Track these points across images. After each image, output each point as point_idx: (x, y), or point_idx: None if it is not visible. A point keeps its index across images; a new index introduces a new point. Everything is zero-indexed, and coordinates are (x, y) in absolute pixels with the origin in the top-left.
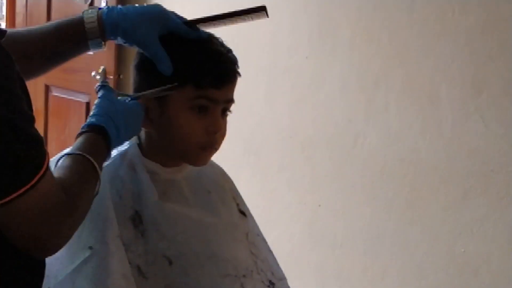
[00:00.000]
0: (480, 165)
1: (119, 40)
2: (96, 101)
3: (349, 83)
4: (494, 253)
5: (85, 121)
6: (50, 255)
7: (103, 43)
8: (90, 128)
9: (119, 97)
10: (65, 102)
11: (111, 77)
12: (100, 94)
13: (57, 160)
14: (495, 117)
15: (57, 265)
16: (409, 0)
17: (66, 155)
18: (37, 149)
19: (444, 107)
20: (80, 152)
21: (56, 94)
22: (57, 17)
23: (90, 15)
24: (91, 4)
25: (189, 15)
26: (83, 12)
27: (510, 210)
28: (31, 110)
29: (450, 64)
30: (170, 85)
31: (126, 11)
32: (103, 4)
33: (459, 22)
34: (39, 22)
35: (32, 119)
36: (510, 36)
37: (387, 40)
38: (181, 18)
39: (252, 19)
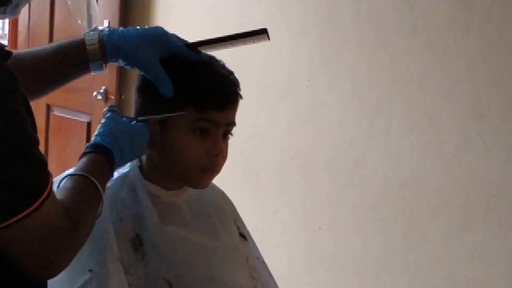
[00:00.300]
0: (481, 190)
1: (120, 62)
2: (102, 121)
3: (350, 107)
4: (494, 278)
5: (86, 141)
6: (52, 277)
7: (104, 65)
8: (94, 149)
9: (124, 119)
10: (66, 121)
11: (113, 97)
12: (107, 115)
13: (60, 181)
14: (496, 142)
15: (57, 287)
16: (411, 25)
17: (69, 176)
18: (41, 171)
19: (445, 132)
20: (83, 173)
21: (57, 113)
22: (59, 36)
23: (92, 37)
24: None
25: (192, 35)
26: (84, 34)
27: (511, 235)
28: (36, 131)
29: (452, 89)
30: (179, 113)
31: (127, 33)
32: (105, 23)
33: (461, 47)
34: (41, 41)
35: (36, 141)
36: None
37: (388, 64)
38: (182, 40)
39: (254, 42)
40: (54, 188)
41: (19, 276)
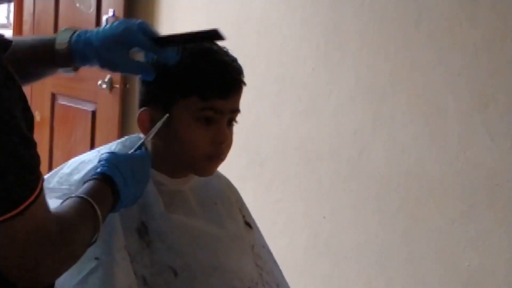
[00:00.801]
0: (486, 179)
1: (92, 65)
2: (100, 158)
3: (356, 95)
4: (499, 267)
5: (91, 130)
6: (40, 286)
7: (72, 69)
8: (96, 176)
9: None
10: (71, 110)
11: (117, 86)
12: (104, 154)
13: (62, 201)
14: (501, 131)
15: (63, 276)
16: (417, 13)
17: (70, 197)
18: (28, 174)
19: (450, 120)
20: (84, 196)
21: (62, 102)
22: (64, 24)
23: (62, 41)
24: (98, 11)
25: (196, 23)
26: (59, 31)
27: None
28: (32, 131)
29: (457, 77)
30: (163, 119)
31: (91, 39)
32: (110, 13)
33: (466, 35)
34: (46, 30)
35: (29, 142)
36: None
37: (394, 52)
38: (151, 33)
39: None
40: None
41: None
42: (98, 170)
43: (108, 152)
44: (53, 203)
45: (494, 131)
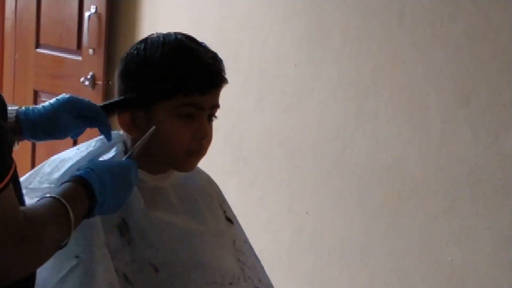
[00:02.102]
0: (468, 174)
1: (40, 138)
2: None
3: (338, 91)
4: (481, 262)
5: None
6: (4, 284)
7: (16, 143)
8: (72, 179)
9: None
10: None
11: (100, 82)
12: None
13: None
14: (483, 126)
15: (44, 274)
16: (399, 8)
17: (43, 197)
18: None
19: (433, 115)
20: (57, 196)
21: (45, 99)
22: (47, 22)
23: (11, 113)
24: (81, 8)
25: (178, 24)
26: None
27: (497, 218)
28: (3, 114)
29: (439, 73)
30: (150, 130)
31: (42, 110)
32: (92, 9)
33: (448, 31)
34: (29, 28)
35: None
36: (498, 46)
37: (376, 48)
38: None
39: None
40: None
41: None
42: (76, 173)
43: (91, 160)
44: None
45: (476, 126)
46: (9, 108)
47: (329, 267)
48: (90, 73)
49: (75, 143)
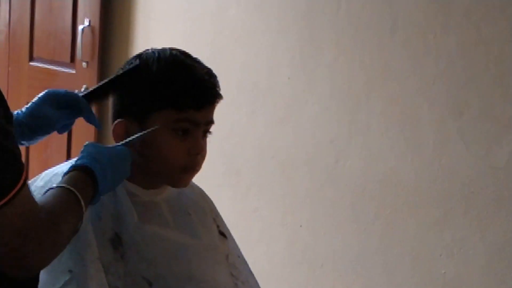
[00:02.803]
0: (460, 187)
1: (25, 139)
2: (82, 149)
3: (330, 104)
4: (474, 274)
5: (67, 139)
6: (29, 275)
7: None
8: (77, 168)
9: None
10: None
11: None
12: (85, 144)
13: (44, 193)
14: (475, 139)
15: None
16: (391, 21)
17: (51, 188)
18: (13, 163)
19: (425, 128)
20: (65, 185)
21: None
22: (40, 35)
23: None
24: (74, 21)
25: (171, 34)
26: None
27: (490, 231)
28: (10, 122)
29: (432, 85)
30: (152, 128)
31: (23, 109)
32: (86, 22)
33: (440, 44)
34: (22, 41)
35: (9, 133)
36: (490, 59)
37: (368, 61)
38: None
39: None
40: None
41: (6, 278)
42: (79, 161)
43: (88, 144)
44: None
45: (468, 139)
46: None
47: (322, 279)
48: (84, 86)
49: (68, 157)
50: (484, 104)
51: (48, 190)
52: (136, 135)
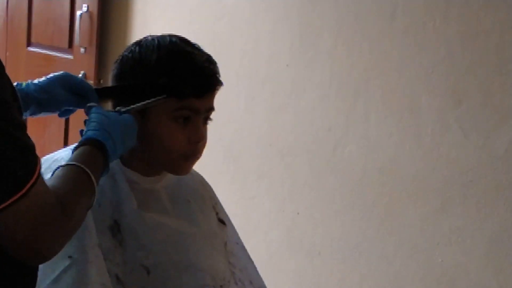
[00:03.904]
0: (459, 176)
1: (31, 111)
2: (89, 117)
3: (329, 92)
4: (472, 263)
5: (64, 126)
6: (44, 262)
7: None
8: (87, 142)
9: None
10: None
11: (91, 81)
12: (92, 111)
13: (53, 171)
14: (474, 127)
15: (38, 275)
16: (390, 10)
17: (62, 166)
18: (28, 156)
19: (423, 117)
20: (76, 163)
21: None
22: (38, 20)
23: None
24: (72, 7)
25: (169, 24)
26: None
27: (488, 220)
28: (22, 115)
29: (430, 74)
30: (159, 97)
31: (32, 82)
32: (84, 8)
33: (439, 32)
34: (20, 26)
35: (23, 126)
36: (490, 48)
37: (368, 49)
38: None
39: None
40: (47, 177)
41: (8, 261)
42: (90, 133)
43: (98, 112)
44: None
45: (467, 128)
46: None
47: (320, 267)
48: (82, 72)
49: (66, 144)
50: (483, 93)
51: (58, 168)
52: (140, 104)
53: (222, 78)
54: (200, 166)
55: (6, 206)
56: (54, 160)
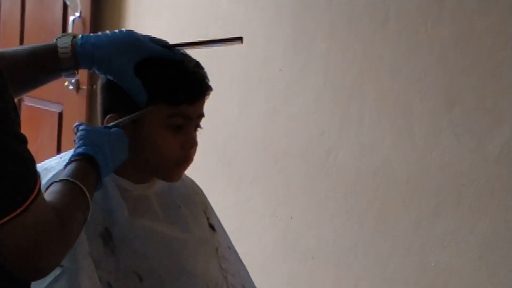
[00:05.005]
0: (452, 179)
1: (93, 70)
2: (79, 133)
3: (322, 96)
4: (465, 267)
5: (58, 131)
6: (42, 277)
7: (76, 72)
8: (80, 157)
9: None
10: (38, 111)
11: (84, 87)
12: (81, 127)
13: (47, 187)
14: (467, 131)
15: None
16: (383, 14)
17: (55, 182)
18: (29, 170)
19: (416, 120)
20: (70, 179)
21: (28, 103)
22: (31, 26)
23: (64, 44)
24: (65, 12)
25: (163, 27)
26: (56, 39)
27: (481, 224)
28: (20, 126)
29: (423, 78)
30: (145, 109)
31: (100, 43)
32: (77, 14)
33: (432, 36)
34: (13, 32)
35: (24, 140)
36: (483, 51)
37: (361, 53)
38: (156, 41)
39: (226, 45)
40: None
41: (2, 275)
42: (80, 150)
43: (86, 128)
44: None
45: (460, 131)
46: (62, 36)
47: (313, 271)
48: (75, 78)
49: (59, 148)
50: (476, 96)
51: (52, 183)
52: (129, 116)
53: (215, 83)
54: (193, 170)
55: (7, 221)
56: (44, 168)
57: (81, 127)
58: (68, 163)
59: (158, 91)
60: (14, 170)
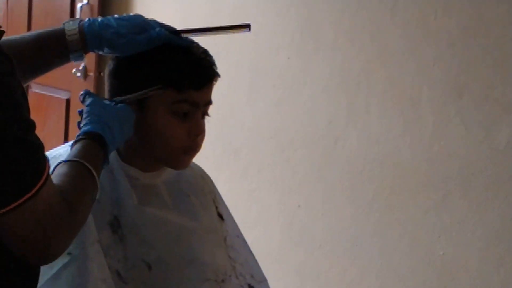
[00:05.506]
0: (460, 169)
1: (105, 51)
2: (86, 109)
3: (330, 85)
4: (472, 256)
5: (65, 118)
6: (51, 262)
7: (84, 55)
8: (87, 136)
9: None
10: (45, 98)
11: (92, 74)
12: (88, 101)
13: (54, 168)
14: (475, 120)
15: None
16: (392, 2)
17: (63, 162)
18: (37, 156)
19: (425, 110)
20: (77, 159)
21: (36, 90)
22: (38, 14)
23: (72, 27)
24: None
25: (169, 15)
26: (64, 23)
27: (489, 213)
28: (29, 112)
29: (432, 66)
30: (155, 87)
31: (108, 22)
32: (84, 1)
33: (441, 24)
34: (21, 19)
35: (32, 126)
36: (492, 40)
37: (369, 42)
38: (166, 27)
39: (234, 32)
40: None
41: (11, 259)
42: (89, 127)
43: (94, 103)
44: None
45: (468, 121)
46: (70, 22)
47: (320, 260)
48: (82, 65)
49: (66, 136)
50: (484, 86)
51: (59, 163)
52: (136, 93)
53: (222, 72)
54: (200, 159)
55: (16, 206)
56: (53, 156)
57: (89, 100)
58: (75, 142)
59: (165, 75)
60: (23, 156)
